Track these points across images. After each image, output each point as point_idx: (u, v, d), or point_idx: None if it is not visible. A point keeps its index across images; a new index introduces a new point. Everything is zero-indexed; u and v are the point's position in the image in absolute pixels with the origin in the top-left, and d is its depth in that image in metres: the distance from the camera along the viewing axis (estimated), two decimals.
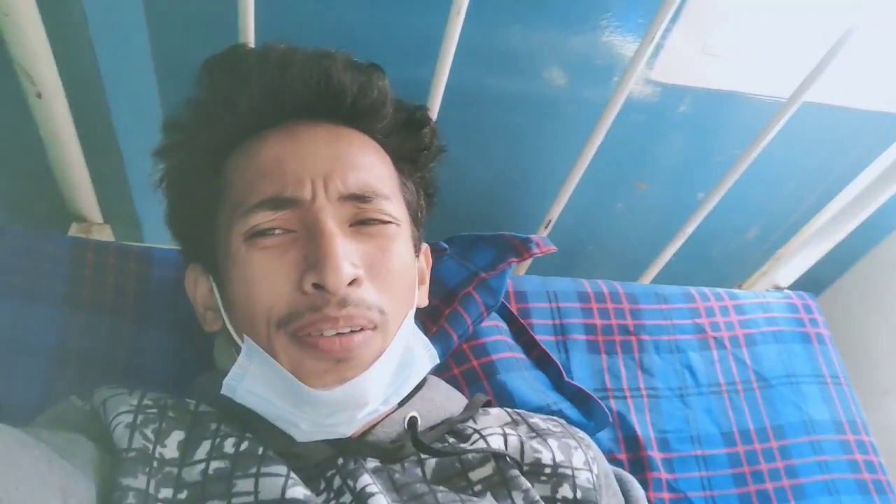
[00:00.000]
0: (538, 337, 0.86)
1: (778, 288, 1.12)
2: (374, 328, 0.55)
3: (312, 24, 0.95)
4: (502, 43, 1.05)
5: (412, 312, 0.60)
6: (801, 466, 0.85)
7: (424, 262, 0.70)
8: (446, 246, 0.81)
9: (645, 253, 1.19)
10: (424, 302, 0.69)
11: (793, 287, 1.12)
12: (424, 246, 0.70)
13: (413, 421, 0.60)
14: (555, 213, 1.00)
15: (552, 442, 0.63)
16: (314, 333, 0.52)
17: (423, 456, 0.59)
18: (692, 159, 1.29)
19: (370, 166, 0.58)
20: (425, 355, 0.61)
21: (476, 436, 0.61)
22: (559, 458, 0.61)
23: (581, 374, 0.86)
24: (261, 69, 0.57)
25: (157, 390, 0.73)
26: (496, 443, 0.60)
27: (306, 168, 0.55)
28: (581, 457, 0.63)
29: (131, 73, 0.93)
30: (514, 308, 0.88)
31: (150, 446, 0.53)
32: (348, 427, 0.56)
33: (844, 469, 0.86)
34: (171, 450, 0.54)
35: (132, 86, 0.93)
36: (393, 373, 0.57)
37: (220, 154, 0.60)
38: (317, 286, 0.52)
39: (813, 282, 1.21)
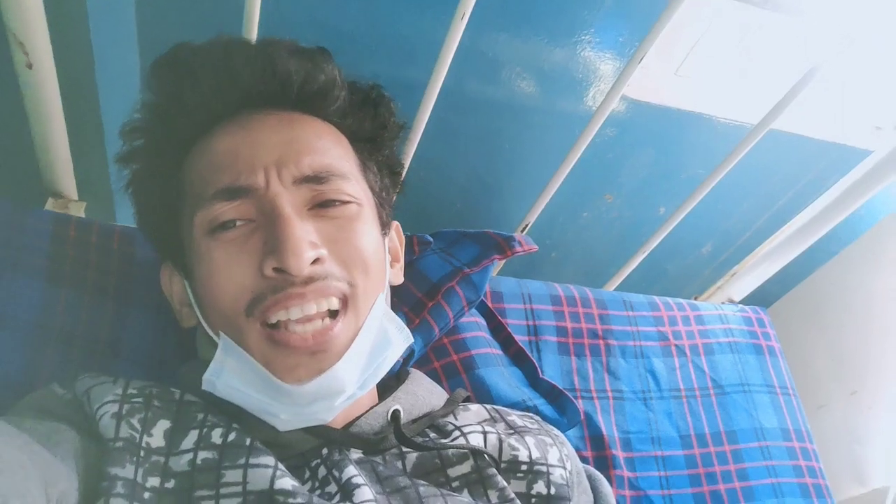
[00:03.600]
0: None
1: (732, 301, 1.18)
2: (346, 302, 0.56)
3: (312, 25, 0.96)
4: (488, 50, 1.08)
5: (384, 294, 0.61)
6: (751, 469, 0.90)
7: (397, 240, 0.71)
8: (431, 239, 0.83)
9: (607, 262, 1.25)
10: (399, 279, 0.70)
11: (743, 301, 1.18)
12: (395, 223, 0.71)
13: (396, 414, 0.61)
14: (531, 218, 1.04)
15: (529, 439, 0.65)
16: (282, 317, 0.53)
17: (404, 449, 0.60)
18: (657, 175, 1.35)
19: (324, 148, 0.59)
20: (399, 336, 0.61)
21: (457, 432, 0.63)
22: (535, 455, 0.64)
23: (552, 374, 0.89)
24: (205, 64, 0.57)
25: (139, 369, 0.74)
26: (476, 440, 0.62)
27: (258, 155, 0.56)
28: (556, 454, 0.66)
29: (120, 51, 0.92)
30: (490, 307, 0.91)
31: (137, 436, 0.53)
32: (328, 413, 0.57)
33: (790, 474, 0.92)
34: (157, 439, 0.54)
35: (120, 64, 0.92)
36: (367, 356, 0.58)
37: (179, 154, 0.61)
38: (278, 270, 0.53)
39: (760, 298, 1.28)
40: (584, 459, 0.85)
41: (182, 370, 0.66)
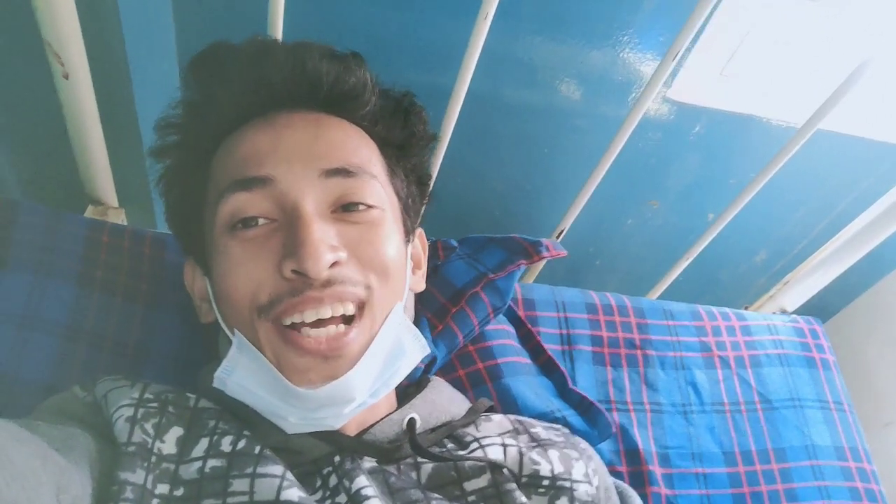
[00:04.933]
0: (545, 346, 0.87)
1: (784, 312, 1.12)
2: (362, 307, 0.54)
3: (338, 27, 0.96)
4: (524, 54, 1.06)
5: (401, 303, 0.59)
6: (800, 490, 0.85)
7: (420, 246, 0.70)
8: (456, 244, 0.81)
9: (652, 270, 1.20)
10: (421, 286, 0.69)
11: (798, 312, 1.12)
12: (419, 230, 0.70)
13: (412, 422, 0.60)
14: (566, 224, 1.01)
15: (552, 453, 0.63)
16: (297, 320, 0.53)
17: (419, 459, 0.59)
18: (705, 180, 1.30)
19: (353, 147, 0.58)
20: (416, 346, 0.60)
21: (475, 444, 0.61)
22: (558, 469, 0.61)
23: (586, 385, 0.86)
24: (238, 63, 0.58)
25: (167, 372, 0.75)
26: (494, 453, 0.60)
27: (281, 149, 0.56)
28: (581, 468, 0.63)
29: (156, 60, 0.94)
30: (522, 315, 0.88)
31: (150, 441, 0.53)
32: (336, 420, 0.56)
33: (844, 496, 0.86)
34: (169, 445, 0.54)
35: (157, 72, 0.94)
36: (381, 365, 0.57)
37: (208, 150, 0.61)
38: (296, 272, 0.52)
39: (819, 308, 1.21)
40: (618, 475, 0.81)
41: (201, 372, 0.66)
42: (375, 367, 0.56)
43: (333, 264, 0.52)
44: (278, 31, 0.76)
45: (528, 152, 1.20)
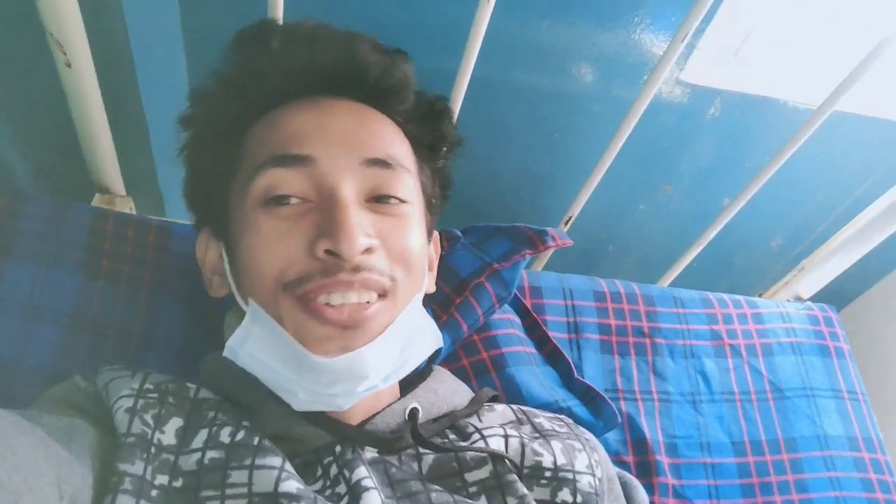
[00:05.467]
0: (551, 334, 0.86)
1: (799, 299, 1.10)
2: (384, 295, 0.55)
3: (338, 9, 0.95)
4: (532, 37, 1.04)
5: (420, 294, 0.60)
6: (811, 481, 0.83)
7: (434, 249, 0.70)
8: (460, 234, 0.80)
9: (665, 256, 1.18)
10: (432, 288, 0.69)
11: (814, 299, 1.10)
12: (435, 234, 0.70)
13: (414, 412, 0.59)
14: (575, 210, 0.99)
15: (555, 444, 0.62)
16: (321, 300, 0.52)
17: (421, 450, 0.58)
18: (719, 164, 1.27)
19: (392, 140, 0.59)
20: (430, 336, 0.61)
21: (476, 435, 0.60)
22: (560, 461, 0.60)
23: (593, 374, 0.85)
24: (290, 43, 0.58)
25: (170, 361, 0.75)
26: (496, 444, 0.60)
27: (325, 131, 0.56)
28: (584, 460, 0.62)
29: (160, 46, 0.93)
30: (528, 303, 0.87)
31: (149, 432, 0.53)
32: (346, 400, 0.55)
33: (856, 487, 0.84)
34: (168, 436, 0.53)
35: (161, 58, 0.94)
36: (397, 349, 0.57)
37: (243, 124, 0.61)
38: (329, 252, 0.52)
39: (836, 295, 1.19)
40: (624, 465, 0.80)
41: (204, 361, 0.66)
42: (392, 349, 0.57)
43: (365, 250, 0.53)
44: (279, 12, 0.75)
45: (537, 137, 1.18)
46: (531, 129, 1.17)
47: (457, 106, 0.84)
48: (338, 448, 0.56)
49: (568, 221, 1.00)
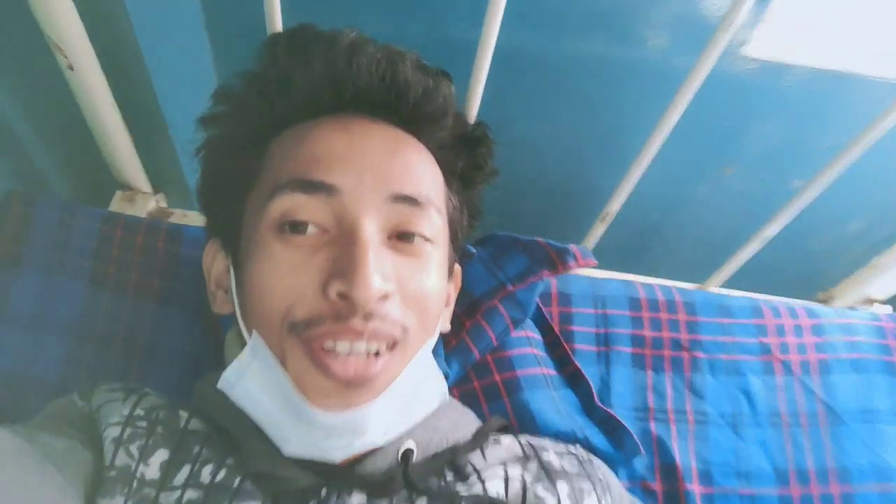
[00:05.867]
0: (578, 346, 0.80)
1: (870, 301, 0.99)
2: (394, 346, 0.51)
3: None
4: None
5: (432, 341, 0.56)
6: None
7: (454, 285, 0.66)
8: (473, 251, 0.74)
9: (721, 248, 1.08)
10: (447, 327, 0.66)
11: (891, 302, 0.98)
12: (457, 268, 0.66)
13: (407, 454, 0.56)
14: (621, 196, 0.90)
15: (562, 486, 0.57)
16: (328, 346, 0.49)
17: (413, 494, 0.55)
18: (790, 144, 1.15)
19: (424, 173, 0.55)
20: (436, 391, 0.58)
21: (474, 477, 0.56)
22: None
23: (622, 390, 0.79)
24: (327, 53, 0.54)
25: (175, 372, 0.74)
26: (495, 488, 0.55)
27: (355, 158, 0.52)
28: (593, 503, 0.57)
29: (176, 40, 0.90)
30: (555, 311, 0.81)
31: (133, 464, 0.52)
32: (342, 453, 0.53)
33: None
34: (153, 469, 0.52)
35: (177, 53, 0.90)
36: (401, 405, 0.54)
37: (266, 133, 0.57)
38: (342, 296, 0.48)
39: None
40: (651, 493, 0.75)
41: (197, 385, 0.64)
42: (395, 405, 0.53)
43: (381, 297, 0.49)
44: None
45: (581, 116, 1.09)
46: (573, 106, 1.08)
47: (479, 85, 0.76)
48: (323, 491, 0.53)
49: (605, 217, 0.92)
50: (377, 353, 0.51)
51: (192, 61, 0.93)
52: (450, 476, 0.58)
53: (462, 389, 0.72)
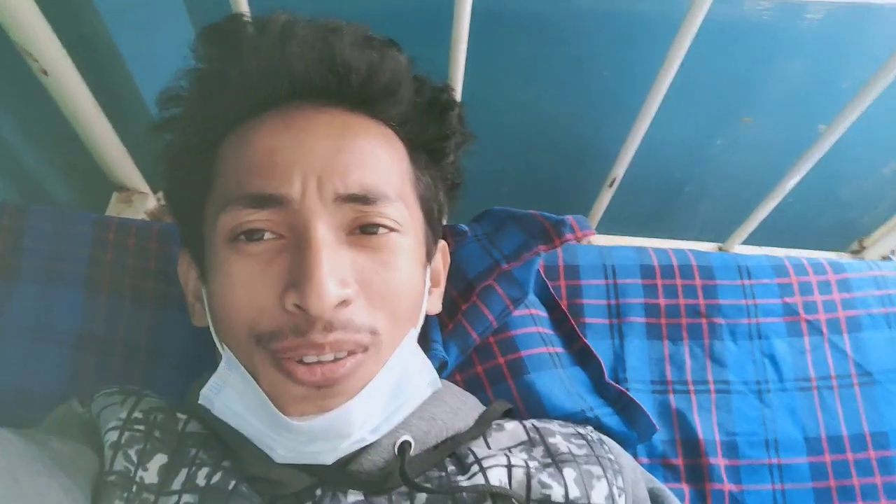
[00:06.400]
0: (589, 320, 0.76)
1: None
2: (365, 351, 0.49)
3: None
4: None
5: (415, 331, 0.54)
6: None
7: (441, 262, 0.63)
8: (466, 229, 0.71)
9: (747, 201, 1.03)
10: (438, 308, 0.63)
11: None
12: (442, 244, 0.63)
13: (404, 447, 0.53)
14: (625, 160, 0.86)
15: (569, 472, 0.55)
16: (294, 358, 0.47)
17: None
18: (811, 87, 1.08)
19: (377, 163, 0.51)
20: (424, 380, 0.55)
21: (476, 467, 0.54)
22: (574, 493, 0.53)
23: (637, 364, 0.75)
24: (257, 43, 0.50)
25: (180, 374, 0.73)
26: (497, 477, 0.53)
27: (300, 162, 0.49)
28: (603, 489, 0.54)
29: (154, 31, 0.88)
30: (563, 285, 0.78)
31: (132, 469, 0.51)
32: (330, 456, 0.51)
33: None
34: (151, 474, 0.52)
35: (159, 45, 0.88)
36: (385, 400, 0.52)
37: (215, 135, 0.54)
38: (299, 307, 0.46)
39: None
40: (672, 469, 0.71)
41: (190, 389, 0.63)
42: (378, 402, 0.51)
43: (340, 303, 0.47)
44: None
45: (580, 75, 1.04)
46: (567, 67, 1.03)
47: (461, 48, 0.71)
48: (318, 492, 0.52)
49: (612, 183, 0.87)
50: (348, 353, 0.48)
51: (176, 52, 0.90)
52: (451, 467, 0.56)
53: (465, 374, 0.69)
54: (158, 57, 0.88)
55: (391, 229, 0.50)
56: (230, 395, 0.51)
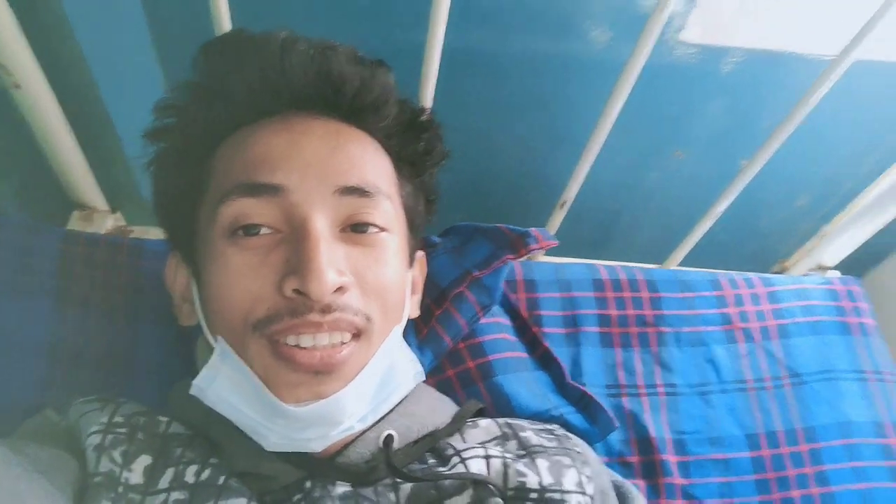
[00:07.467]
0: (547, 330, 0.81)
1: (822, 268, 1.03)
2: (358, 335, 0.52)
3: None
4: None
5: (400, 327, 0.57)
6: (832, 473, 0.78)
7: (419, 270, 0.67)
8: (437, 241, 0.75)
9: (679, 228, 1.12)
10: (416, 312, 0.67)
11: (839, 268, 1.03)
12: (420, 254, 0.67)
13: (388, 440, 0.56)
14: (574, 187, 0.93)
15: (541, 462, 0.58)
16: (291, 342, 0.50)
17: (397, 479, 0.55)
18: (734, 124, 1.19)
19: (370, 164, 0.55)
20: (410, 372, 0.58)
21: (456, 458, 0.57)
22: (547, 481, 0.57)
23: (593, 370, 0.81)
24: (259, 56, 0.54)
25: (153, 384, 0.73)
26: (476, 466, 0.56)
27: (298, 157, 0.52)
28: (573, 477, 0.58)
29: (123, 52, 0.89)
30: (522, 298, 0.83)
31: (117, 470, 0.52)
32: (320, 443, 0.53)
33: (884, 477, 0.79)
34: (136, 475, 0.52)
35: (126, 66, 0.90)
36: (374, 390, 0.54)
37: (211, 141, 0.57)
38: (298, 292, 0.49)
39: (866, 261, 1.11)
40: (628, 466, 0.76)
41: (173, 391, 0.63)
42: (368, 390, 0.54)
43: (337, 289, 0.49)
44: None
45: (530, 111, 1.11)
46: (523, 103, 1.10)
47: (430, 84, 0.77)
48: (307, 484, 0.54)
49: (563, 205, 0.94)
50: (342, 343, 0.51)
51: (142, 75, 0.92)
52: (431, 460, 0.58)
53: (437, 379, 0.72)
54: (126, 78, 0.90)
55: (381, 229, 0.54)
56: (223, 385, 0.53)
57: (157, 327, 0.76)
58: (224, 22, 0.70)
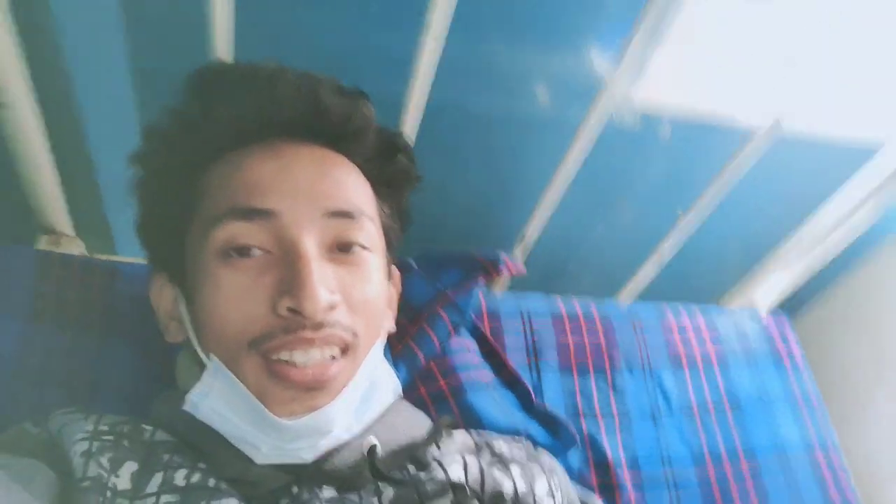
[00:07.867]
0: (511, 357, 0.86)
1: (755, 307, 1.12)
2: (346, 350, 0.55)
3: (285, 36, 0.94)
4: (484, 62, 1.05)
5: (381, 342, 0.60)
6: (770, 487, 0.85)
7: (394, 287, 0.70)
8: (413, 263, 0.80)
9: (626, 270, 1.20)
10: (392, 327, 0.70)
11: (771, 306, 1.12)
12: (396, 273, 0.71)
13: (372, 448, 0.59)
14: (533, 232, 1.00)
15: (514, 469, 0.62)
16: (285, 357, 0.52)
17: (381, 485, 0.58)
18: (672, 183, 1.29)
19: (353, 187, 0.59)
20: (390, 385, 0.62)
21: (435, 464, 0.60)
22: (521, 487, 0.60)
23: (553, 396, 0.86)
24: (250, 84, 0.57)
25: (121, 406, 0.73)
26: (456, 472, 0.59)
27: (288, 182, 0.55)
28: (544, 485, 0.62)
29: (105, 81, 0.92)
30: (486, 327, 0.88)
31: (105, 475, 0.52)
32: (310, 452, 0.55)
33: (814, 491, 0.86)
34: (123, 480, 0.52)
35: (106, 93, 0.92)
36: (358, 401, 0.57)
37: (199, 165, 0.60)
38: (292, 310, 0.51)
39: (796, 301, 1.21)
40: (587, 483, 0.81)
41: (157, 401, 0.64)
42: (354, 402, 0.57)
43: (328, 307, 0.52)
44: (226, 46, 0.74)
45: (492, 162, 1.19)
46: (486, 155, 1.18)
47: (412, 135, 0.84)
48: (294, 489, 0.55)
49: (521, 240, 1.00)
50: (332, 358, 0.54)
51: (120, 105, 0.94)
52: (412, 469, 0.61)
53: (410, 396, 0.75)
54: (107, 107, 0.92)
55: (364, 248, 0.58)
56: (217, 399, 0.55)
57: (129, 350, 0.76)
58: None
